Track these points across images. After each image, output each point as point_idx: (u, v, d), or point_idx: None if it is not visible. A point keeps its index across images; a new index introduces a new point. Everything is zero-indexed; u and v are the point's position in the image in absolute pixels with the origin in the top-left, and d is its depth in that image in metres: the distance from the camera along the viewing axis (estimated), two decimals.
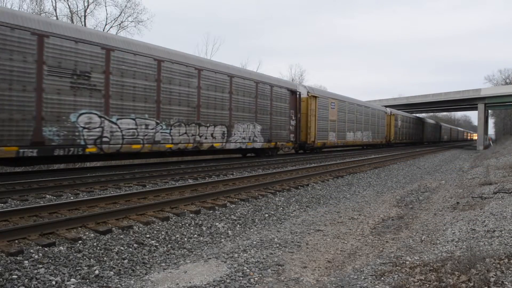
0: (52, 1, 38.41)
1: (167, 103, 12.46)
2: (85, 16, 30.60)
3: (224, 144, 14.83)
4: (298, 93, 19.85)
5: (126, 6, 34.08)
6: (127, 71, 11.18)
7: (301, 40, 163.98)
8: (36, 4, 28.90)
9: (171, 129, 12.58)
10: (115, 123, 10.89)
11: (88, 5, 30.77)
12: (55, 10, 29.64)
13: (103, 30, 30.26)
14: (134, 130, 11.41)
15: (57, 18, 27.95)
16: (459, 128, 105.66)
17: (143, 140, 11.64)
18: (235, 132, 15.52)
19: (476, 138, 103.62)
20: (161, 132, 12.25)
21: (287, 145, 19.00)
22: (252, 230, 6.06)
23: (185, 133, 13.12)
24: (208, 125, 14.10)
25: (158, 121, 12.10)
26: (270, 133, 17.73)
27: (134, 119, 11.37)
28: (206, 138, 14.00)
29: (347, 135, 26.38)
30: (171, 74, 12.58)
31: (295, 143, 19.59)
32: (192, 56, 14.18)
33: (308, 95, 21.19)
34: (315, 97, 21.76)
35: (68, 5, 31.35)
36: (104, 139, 10.63)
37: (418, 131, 48.54)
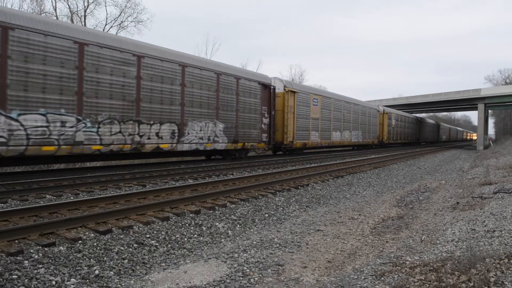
0: (52, 1, 38.42)
1: (93, 95, 10.29)
2: (85, 16, 30.60)
3: (174, 145, 12.65)
4: (272, 87, 17.38)
5: (126, 6, 34.10)
6: (34, 55, 9.05)
7: (301, 40, 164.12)
8: (36, 4, 28.91)
9: (98, 127, 10.45)
10: (16, 120, 8.79)
11: (88, 5, 30.77)
12: (55, 10, 29.65)
13: (103, 30, 30.25)
14: (45, 129, 9.31)
15: (57, 18, 27.95)
16: (458, 128, 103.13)
17: (58, 140, 9.55)
18: (189, 131, 13.23)
19: (475, 138, 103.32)
20: (85, 131, 10.15)
21: (258, 146, 16.60)
22: (252, 230, 6.06)
23: (120, 132, 11.01)
24: (151, 122, 11.89)
25: (80, 117, 10.00)
26: (236, 133, 15.32)
27: (44, 115, 9.28)
28: (149, 138, 11.82)
29: (332, 135, 23.96)
30: (98, 60, 10.40)
31: (269, 144, 17.38)
32: (130, 40, 11.97)
33: (285, 89, 18.69)
34: (294, 92, 19.29)
35: (68, 5, 31.35)
36: None
37: (415, 130, 46.32)
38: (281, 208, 7.58)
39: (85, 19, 30.65)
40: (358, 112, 28.35)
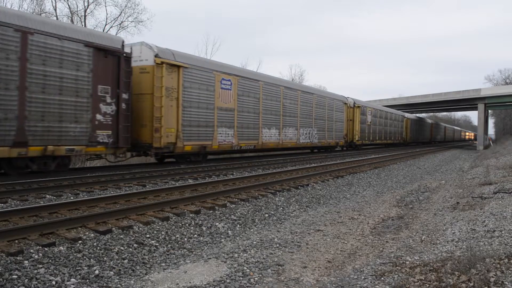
0: (52, 1, 38.43)
1: None
2: (85, 16, 30.62)
3: None
4: (122, 55, 10.73)
5: (126, 6, 34.01)
6: None
7: (302, 40, 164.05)
8: (36, 4, 28.92)
9: None
10: None
11: (88, 5, 30.78)
12: (55, 10, 29.66)
13: (103, 30, 30.27)
14: None
15: (57, 18, 27.97)
16: (455, 127, 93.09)
17: None
18: None
19: (472, 137, 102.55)
20: None
21: (87, 150, 10.15)
22: (252, 230, 6.06)
23: None
24: None
25: None
26: (20, 127, 8.72)
27: None
28: None
29: (263, 134, 16.98)
30: None
31: (115, 147, 10.77)
32: None
33: (156, 61, 11.66)
34: (176, 66, 12.39)
35: (68, 5, 31.32)
36: None
37: (399, 128, 38.93)
38: (281, 208, 7.59)
39: (85, 19, 30.66)
40: (310, 103, 21.13)
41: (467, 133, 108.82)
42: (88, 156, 11.52)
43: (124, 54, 10.92)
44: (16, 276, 3.71)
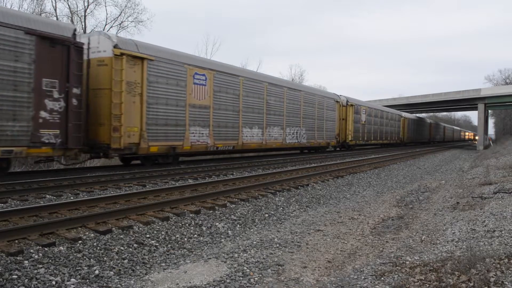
0: (52, 1, 38.44)
1: None
2: (85, 16, 30.61)
3: None
4: (70, 44, 9.37)
5: (126, 6, 33.97)
6: None
7: (302, 40, 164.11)
8: (37, 4, 28.91)
9: None
10: None
11: (88, 5, 30.77)
12: (55, 10, 29.66)
13: (103, 30, 30.26)
14: None
15: (57, 18, 27.97)
16: (455, 127, 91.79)
17: None
18: None
19: (472, 137, 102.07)
20: None
21: (29, 152, 8.76)
22: (252, 230, 6.06)
23: None
24: None
25: None
26: None
27: None
28: None
29: (244, 133, 15.63)
30: None
31: (64, 148, 9.37)
32: None
33: (114, 53, 10.38)
34: (140, 58, 11.11)
35: (68, 5, 31.31)
36: None
37: (396, 128, 37.68)
38: (281, 208, 7.59)
39: (85, 19, 30.65)
40: (298, 101, 19.74)
41: (466, 133, 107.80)
42: (35, 159, 10.35)
43: (75, 44, 9.55)
44: (16, 276, 3.71)
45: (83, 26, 29.71)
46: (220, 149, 14.63)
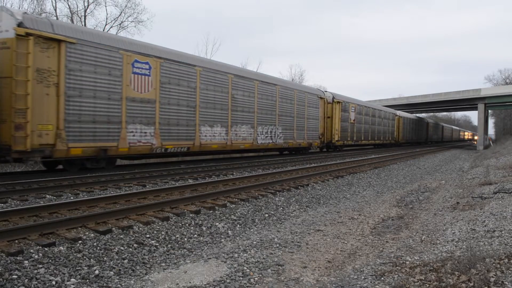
0: (52, 1, 38.43)
1: None
2: (85, 16, 30.60)
3: None
4: None
5: (126, 6, 33.98)
6: None
7: (302, 40, 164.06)
8: (37, 4, 28.91)
9: None
10: None
11: (88, 5, 30.76)
12: (55, 10, 29.65)
13: (103, 30, 30.26)
14: None
15: (57, 18, 27.96)
16: (454, 127, 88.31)
17: None
18: None
19: (471, 137, 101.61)
20: None
21: None
22: (252, 230, 6.06)
23: None
24: None
25: None
26: None
27: None
28: None
29: (201, 133, 13.41)
30: None
31: None
32: None
33: (17, 33, 8.49)
34: (59, 41, 9.23)
35: (68, 5, 31.30)
36: None
37: (389, 128, 35.61)
38: (281, 208, 7.59)
39: (85, 19, 30.65)
40: (273, 96, 17.55)
41: (466, 133, 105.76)
42: None
43: None
44: (16, 276, 3.71)
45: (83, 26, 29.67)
46: (170, 151, 12.43)
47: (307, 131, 20.71)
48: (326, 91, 23.72)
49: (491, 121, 75.95)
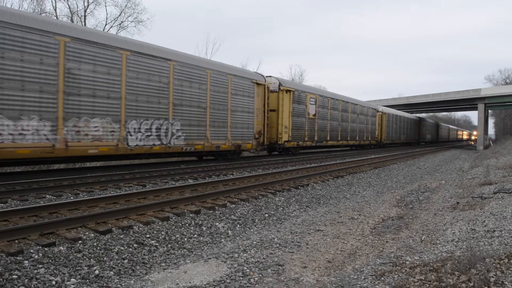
0: (52, 1, 38.43)
1: None
2: (85, 16, 30.60)
3: None
4: None
5: (126, 6, 34.05)
6: None
7: (302, 40, 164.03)
8: (37, 3, 28.90)
9: None
10: None
11: (88, 5, 30.76)
12: (55, 10, 29.65)
13: (103, 30, 30.24)
14: None
15: (57, 18, 27.94)
16: (451, 126, 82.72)
17: None
18: None
19: (467, 137, 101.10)
20: None
21: None
22: (252, 230, 6.06)
23: None
24: None
25: None
26: None
27: None
28: None
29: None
30: None
31: None
32: None
33: None
34: None
35: (68, 5, 31.34)
36: None
37: (369, 126, 30.00)
38: (281, 208, 7.58)
39: (85, 19, 30.65)
40: (163, 76, 11.93)
41: (464, 132, 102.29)
42: None
43: None
44: (16, 276, 3.71)
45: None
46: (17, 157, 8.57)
47: (233, 129, 15.25)
48: (270, 76, 18.42)
49: (491, 121, 75.97)
